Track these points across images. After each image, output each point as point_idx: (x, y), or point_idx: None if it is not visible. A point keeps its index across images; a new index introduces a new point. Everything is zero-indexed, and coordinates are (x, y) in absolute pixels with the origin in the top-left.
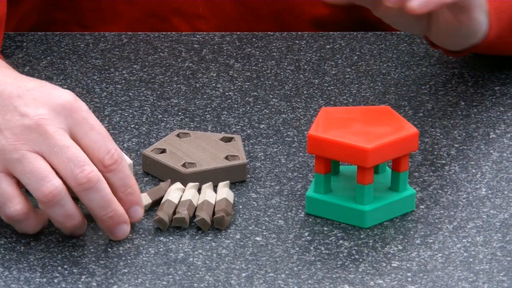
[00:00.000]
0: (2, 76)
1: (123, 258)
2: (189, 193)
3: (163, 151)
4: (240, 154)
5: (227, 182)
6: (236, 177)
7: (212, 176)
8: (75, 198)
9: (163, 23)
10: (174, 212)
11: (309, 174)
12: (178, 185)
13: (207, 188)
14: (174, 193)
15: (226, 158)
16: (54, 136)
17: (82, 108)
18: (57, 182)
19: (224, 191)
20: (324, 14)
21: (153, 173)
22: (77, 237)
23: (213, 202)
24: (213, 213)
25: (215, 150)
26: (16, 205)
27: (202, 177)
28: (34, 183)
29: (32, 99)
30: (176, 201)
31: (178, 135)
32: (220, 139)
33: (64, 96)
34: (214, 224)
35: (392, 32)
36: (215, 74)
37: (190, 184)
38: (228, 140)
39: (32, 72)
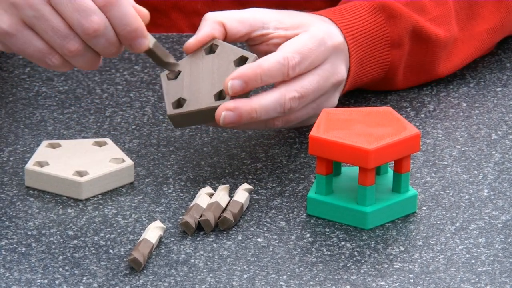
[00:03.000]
0: None
1: (125, 259)
2: (217, 195)
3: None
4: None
5: (248, 187)
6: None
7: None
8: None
9: (162, 18)
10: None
11: (311, 175)
12: (207, 189)
13: (222, 190)
14: (203, 197)
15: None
16: None
17: None
18: (78, 39)
19: (241, 195)
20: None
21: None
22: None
23: (223, 205)
24: (219, 217)
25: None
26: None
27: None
28: (58, 40)
29: None
30: (204, 206)
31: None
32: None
33: None
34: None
35: None
36: None
37: (221, 187)
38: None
39: (33, 73)
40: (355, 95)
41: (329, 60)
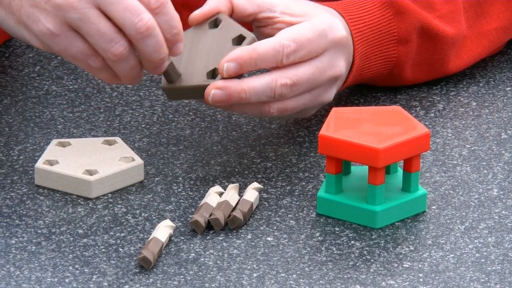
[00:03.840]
0: None
1: (134, 257)
2: (227, 194)
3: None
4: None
5: (258, 186)
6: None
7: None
8: None
9: None
10: (210, 215)
11: (320, 174)
12: (217, 188)
13: (231, 189)
14: (213, 196)
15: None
16: None
17: None
18: (124, 43)
19: (251, 194)
20: None
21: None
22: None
23: (233, 204)
24: (229, 216)
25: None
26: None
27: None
28: (103, 44)
29: None
30: (214, 204)
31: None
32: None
33: None
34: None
35: None
36: None
37: (231, 186)
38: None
39: (43, 72)
40: (364, 94)
41: (327, 53)
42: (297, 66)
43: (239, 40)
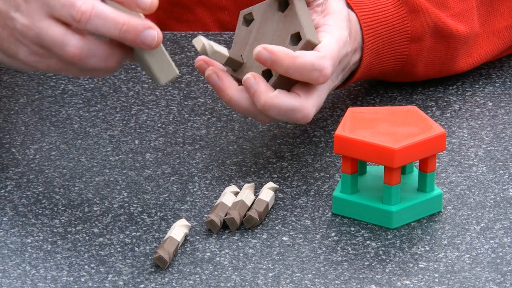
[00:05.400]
0: None
1: (150, 257)
2: (243, 194)
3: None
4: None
5: (274, 185)
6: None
7: None
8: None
9: (187, 13)
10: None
11: (336, 174)
12: (233, 188)
13: (247, 189)
14: (228, 196)
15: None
16: None
17: None
18: (75, 41)
19: (266, 194)
20: None
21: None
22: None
23: (248, 203)
24: (245, 215)
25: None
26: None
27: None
28: (59, 51)
29: None
30: (229, 204)
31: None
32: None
33: None
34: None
35: None
36: None
37: (246, 185)
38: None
39: None
40: (380, 94)
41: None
42: None
43: (296, 39)
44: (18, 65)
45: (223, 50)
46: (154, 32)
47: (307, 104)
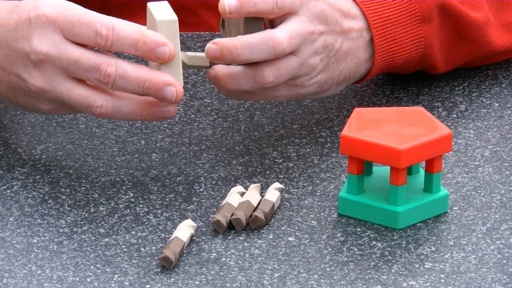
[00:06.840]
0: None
1: (156, 257)
2: (249, 194)
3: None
4: None
5: (280, 186)
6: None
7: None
8: None
9: (191, 16)
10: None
11: (342, 175)
12: (239, 188)
13: (253, 189)
14: (234, 196)
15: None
16: (61, 57)
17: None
18: (100, 101)
19: (272, 194)
20: None
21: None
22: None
23: (254, 204)
24: (251, 216)
25: None
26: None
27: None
28: (86, 110)
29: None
30: (235, 204)
31: None
32: None
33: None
34: (249, 224)
35: None
36: None
37: (252, 186)
38: None
39: None
40: (386, 94)
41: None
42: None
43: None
44: (40, 114)
45: (200, 54)
46: (173, 89)
47: (276, 31)
